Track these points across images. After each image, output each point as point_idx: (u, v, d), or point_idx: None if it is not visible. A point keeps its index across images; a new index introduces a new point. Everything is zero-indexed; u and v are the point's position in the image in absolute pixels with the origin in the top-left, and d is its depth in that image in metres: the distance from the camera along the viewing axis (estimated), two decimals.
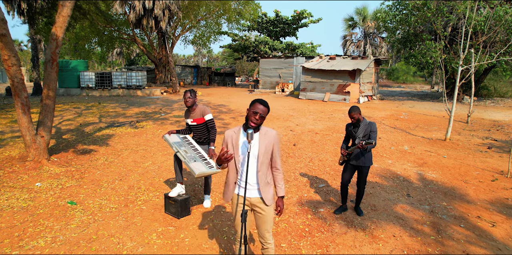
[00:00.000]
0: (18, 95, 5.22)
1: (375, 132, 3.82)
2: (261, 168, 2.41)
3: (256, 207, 2.46)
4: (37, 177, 5.08)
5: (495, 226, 3.81)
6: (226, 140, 2.46)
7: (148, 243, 3.30)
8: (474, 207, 4.35)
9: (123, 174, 5.37)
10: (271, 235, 2.54)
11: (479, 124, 10.90)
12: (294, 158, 6.47)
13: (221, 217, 3.91)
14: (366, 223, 3.82)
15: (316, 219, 3.90)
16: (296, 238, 3.46)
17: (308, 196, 4.59)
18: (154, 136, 8.18)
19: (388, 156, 6.77)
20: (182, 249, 3.20)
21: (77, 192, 4.56)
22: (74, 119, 10.31)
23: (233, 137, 2.42)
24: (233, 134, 2.43)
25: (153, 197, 4.45)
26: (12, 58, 4.92)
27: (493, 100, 18.59)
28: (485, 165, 6.28)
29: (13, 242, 3.25)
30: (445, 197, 4.67)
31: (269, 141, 2.40)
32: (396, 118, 12.00)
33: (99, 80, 18.62)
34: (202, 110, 3.88)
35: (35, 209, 4.00)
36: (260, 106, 2.31)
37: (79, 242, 3.29)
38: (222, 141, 2.50)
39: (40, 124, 5.81)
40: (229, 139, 2.43)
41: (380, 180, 5.31)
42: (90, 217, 3.83)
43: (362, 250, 3.26)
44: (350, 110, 3.77)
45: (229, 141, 2.43)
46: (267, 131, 2.43)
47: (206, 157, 3.72)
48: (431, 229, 3.73)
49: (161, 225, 3.68)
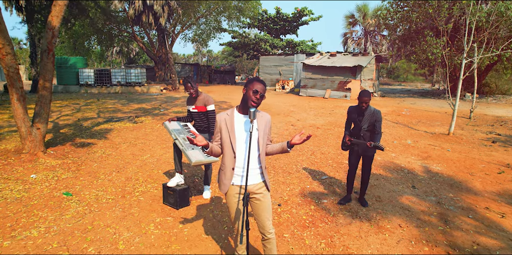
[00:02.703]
0: (13, 86, 5.09)
1: (380, 122, 3.69)
2: (262, 151, 2.28)
3: (256, 194, 2.29)
4: (32, 169, 4.95)
5: (505, 217, 3.69)
6: (219, 124, 2.26)
7: (145, 233, 3.17)
8: (482, 198, 4.22)
9: (120, 166, 5.24)
10: (271, 223, 2.38)
11: (482, 120, 10.78)
12: (296, 151, 6.34)
13: (221, 207, 3.78)
14: (371, 214, 3.69)
15: (320, 210, 3.77)
16: (299, 229, 3.33)
17: (311, 188, 4.46)
18: (153, 130, 8.05)
19: (391, 150, 6.64)
20: (181, 239, 3.07)
21: (73, 184, 4.44)
22: (72, 115, 10.18)
23: (227, 119, 2.24)
24: (226, 117, 2.25)
25: (151, 188, 4.32)
26: (6, 47, 4.79)
27: (495, 98, 18.46)
28: (491, 158, 6.15)
29: (5, 232, 3.12)
30: (451, 189, 4.54)
31: (266, 123, 2.28)
32: (398, 114, 11.87)
33: (98, 77, 18.48)
34: (205, 100, 3.75)
35: (29, 200, 3.87)
36: (259, 85, 2.16)
37: (74, 232, 3.16)
38: (214, 126, 2.34)
39: (36, 116, 5.68)
40: (223, 123, 2.24)
41: (384, 172, 5.18)
42: (85, 208, 3.70)
43: (368, 240, 3.14)
44: (362, 94, 3.59)
45: (223, 125, 2.24)
46: (263, 114, 2.29)
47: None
48: (439, 220, 3.60)
49: (159, 215, 3.55)
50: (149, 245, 2.97)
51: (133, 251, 2.86)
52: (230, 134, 2.23)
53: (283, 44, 27.85)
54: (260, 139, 2.25)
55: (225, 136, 2.24)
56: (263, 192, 2.30)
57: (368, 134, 3.75)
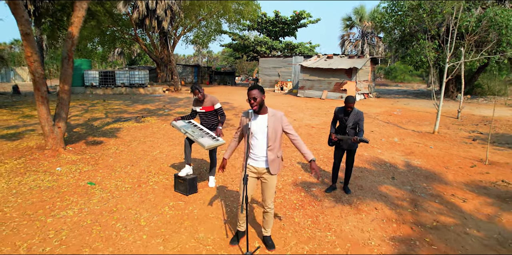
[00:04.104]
0: (39, 89, 5.72)
1: (363, 120, 4.33)
2: (271, 145, 2.90)
3: (262, 175, 2.99)
4: (56, 163, 5.58)
5: (466, 201, 4.32)
6: (241, 120, 3.03)
7: (161, 213, 3.81)
8: (451, 187, 4.86)
9: (134, 160, 5.88)
10: (272, 201, 3.05)
11: (469, 120, 11.42)
12: (291, 148, 6.97)
13: (224, 194, 4.42)
14: (353, 199, 4.33)
15: (308, 196, 4.41)
16: (290, 210, 3.97)
17: (302, 178, 5.10)
18: (160, 129, 8.68)
19: (378, 147, 7.28)
20: (192, 217, 3.71)
21: (94, 175, 5.07)
22: (81, 115, 10.81)
23: (243, 118, 3.00)
24: (244, 117, 2.99)
25: (163, 179, 4.96)
26: (34, 55, 5.42)
27: (486, 98, 19.11)
28: (468, 154, 6.79)
29: (46, 212, 3.75)
30: (426, 180, 5.18)
31: (277, 120, 2.90)
32: (390, 114, 12.52)
33: (103, 79, 19.13)
34: (212, 100, 4.42)
35: (59, 188, 4.50)
36: (251, 92, 2.82)
37: (102, 212, 3.80)
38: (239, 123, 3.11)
39: (56, 116, 6.31)
40: (243, 119, 3.01)
41: (368, 166, 5.82)
42: (108, 194, 4.33)
43: (347, 219, 3.77)
44: (348, 100, 4.25)
45: (243, 121, 3.00)
46: (275, 112, 2.93)
47: (211, 133, 4.28)
48: (409, 204, 4.24)
49: (172, 200, 4.19)
50: (166, 222, 3.60)
51: (153, 227, 3.49)
52: (244, 129, 2.98)
53: (282, 46, 28.51)
54: (269, 134, 2.88)
55: (244, 130, 2.98)
56: (266, 176, 2.97)
57: (352, 131, 4.39)
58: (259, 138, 2.90)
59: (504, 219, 3.81)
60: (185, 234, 3.34)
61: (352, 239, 3.33)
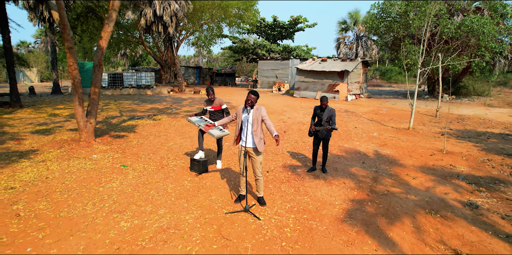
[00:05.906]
0: (76, 92, 7.02)
1: (335, 115, 5.64)
2: (254, 130, 4.21)
3: (250, 153, 4.26)
4: (91, 152, 6.87)
5: (415, 179, 5.62)
6: (237, 111, 4.30)
7: (182, 185, 5.10)
8: (407, 169, 6.16)
9: (154, 150, 7.17)
10: (260, 171, 4.33)
11: (446, 118, 12.71)
12: (283, 140, 8.27)
13: (229, 173, 5.72)
14: (328, 177, 5.62)
15: (294, 175, 5.70)
16: (279, 183, 5.27)
17: (290, 163, 6.40)
18: (171, 125, 9.98)
19: (357, 140, 8.58)
20: (205, 187, 5.00)
21: (124, 160, 6.36)
22: (99, 113, 12.09)
23: (238, 110, 4.27)
24: (239, 109, 4.26)
25: (180, 163, 6.25)
26: (75, 64, 6.72)
27: (470, 98, 20.42)
28: (432, 145, 8.09)
29: (96, 184, 5.04)
30: (390, 164, 6.48)
31: (259, 113, 4.20)
32: (375, 113, 13.82)
33: (112, 80, 20.42)
34: (220, 101, 5.73)
35: (100, 169, 5.80)
36: (251, 95, 4.12)
37: (138, 184, 5.09)
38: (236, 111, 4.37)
39: (88, 114, 7.61)
40: (238, 111, 4.27)
41: (345, 154, 7.12)
42: (139, 173, 5.62)
43: (321, 189, 5.06)
44: (322, 99, 5.56)
45: (238, 113, 4.27)
46: (259, 107, 4.23)
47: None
48: (370, 180, 5.53)
49: (189, 176, 5.48)
50: (186, 190, 4.90)
51: (178, 193, 4.78)
52: (237, 119, 4.23)
53: (280, 49, 29.83)
54: (253, 122, 4.18)
55: (238, 120, 4.23)
56: (254, 154, 4.25)
57: (327, 123, 5.69)
58: (247, 125, 4.16)
59: (438, 189, 5.11)
60: (201, 197, 4.64)
61: (322, 200, 4.63)
